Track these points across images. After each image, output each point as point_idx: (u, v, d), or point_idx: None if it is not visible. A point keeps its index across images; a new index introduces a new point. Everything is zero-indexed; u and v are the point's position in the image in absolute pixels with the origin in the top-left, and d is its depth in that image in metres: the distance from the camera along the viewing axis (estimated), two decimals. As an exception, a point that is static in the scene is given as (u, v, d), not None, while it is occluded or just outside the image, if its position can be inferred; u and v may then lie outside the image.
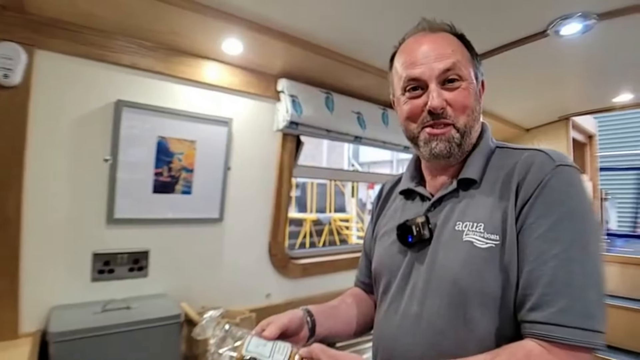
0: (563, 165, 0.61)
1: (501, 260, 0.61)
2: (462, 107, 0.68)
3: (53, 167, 1.19)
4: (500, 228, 0.62)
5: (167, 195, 1.40)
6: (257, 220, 1.71)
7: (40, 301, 1.18)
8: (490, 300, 0.61)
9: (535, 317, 0.56)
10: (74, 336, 1.06)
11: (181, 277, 1.48)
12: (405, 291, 0.73)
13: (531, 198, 0.60)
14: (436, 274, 0.68)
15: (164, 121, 1.36)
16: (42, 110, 1.14)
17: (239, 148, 1.58)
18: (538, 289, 0.56)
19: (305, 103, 1.62)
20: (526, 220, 0.60)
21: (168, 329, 1.22)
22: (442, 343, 0.64)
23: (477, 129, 0.73)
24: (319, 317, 0.78)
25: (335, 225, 7.82)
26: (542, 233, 0.58)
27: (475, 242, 0.64)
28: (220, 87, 1.48)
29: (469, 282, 0.63)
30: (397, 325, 0.72)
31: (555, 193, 0.59)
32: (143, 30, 1.23)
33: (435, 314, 0.66)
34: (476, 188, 0.69)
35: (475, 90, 0.71)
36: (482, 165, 0.70)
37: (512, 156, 0.68)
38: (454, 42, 0.71)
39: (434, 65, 0.67)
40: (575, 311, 0.53)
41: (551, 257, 0.56)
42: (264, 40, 1.33)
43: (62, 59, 1.16)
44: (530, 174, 0.62)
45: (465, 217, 0.67)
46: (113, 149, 1.27)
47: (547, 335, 0.54)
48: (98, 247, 1.29)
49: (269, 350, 0.60)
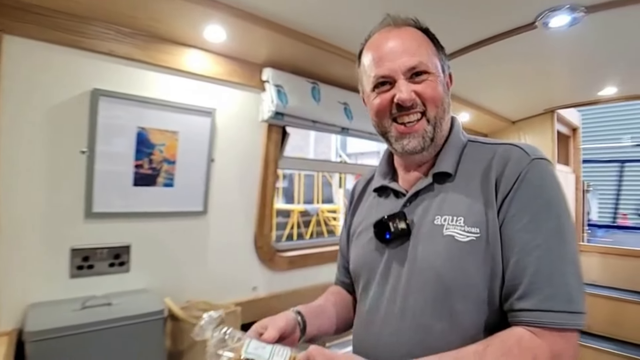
0: (538, 159, 0.64)
1: (485, 253, 0.62)
2: (431, 97, 0.68)
3: (27, 160, 1.14)
4: (481, 221, 0.63)
5: (148, 188, 1.36)
6: (242, 213, 1.68)
7: (16, 299, 1.14)
8: (474, 292, 0.63)
9: (524, 306, 0.58)
10: (52, 335, 1.02)
11: (164, 272, 1.45)
12: (385, 289, 0.72)
13: (511, 191, 0.62)
14: (418, 269, 0.68)
15: (144, 111, 1.31)
16: (13, 100, 1.09)
17: (223, 139, 1.54)
18: (525, 279, 0.58)
19: (291, 93, 1.58)
20: (507, 213, 0.62)
21: (151, 325, 1.19)
22: (427, 339, 0.65)
23: (448, 120, 0.74)
24: (309, 317, 0.78)
25: (323, 217, 7.83)
26: (524, 225, 0.60)
27: (457, 235, 0.64)
28: (202, 76, 1.44)
29: (452, 276, 0.64)
30: (380, 324, 0.71)
31: (533, 186, 0.62)
32: (120, 16, 1.18)
33: (420, 310, 0.66)
34: (451, 181, 0.70)
35: (443, 83, 0.71)
36: (456, 158, 0.71)
37: (486, 150, 0.70)
38: (419, 36, 0.72)
39: (401, 61, 0.68)
40: (560, 297, 0.56)
41: (534, 247, 0.59)
42: (248, 27, 1.29)
43: (34, 45, 1.10)
44: (508, 168, 0.64)
45: (443, 211, 0.68)
46: (90, 140, 1.22)
47: (537, 321, 0.56)
48: (76, 243, 1.25)
49: (268, 352, 0.61)
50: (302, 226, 7.39)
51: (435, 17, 1.30)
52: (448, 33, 1.43)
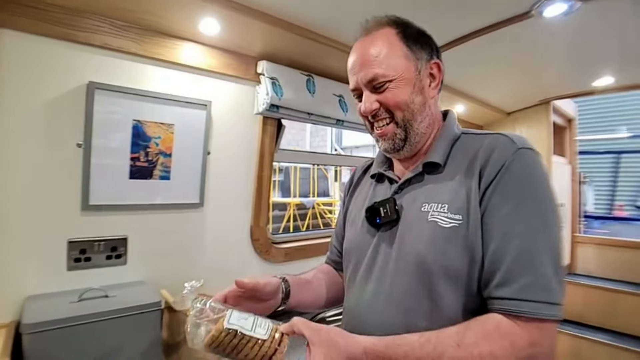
0: (524, 149, 0.64)
1: (465, 239, 0.64)
2: (393, 104, 0.72)
3: (23, 153, 1.14)
4: (464, 208, 0.65)
5: (144, 180, 1.36)
6: (238, 205, 1.69)
7: (14, 291, 1.14)
8: (454, 276, 0.64)
9: (501, 294, 0.59)
10: (49, 327, 1.02)
11: (161, 264, 1.46)
12: (373, 270, 0.76)
13: (494, 180, 0.63)
14: (404, 253, 0.71)
15: (139, 104, 1.31)
16: (9, 94, 1.09)
17: (218, 132, 1.54)
18: (503, 266, 0.59)
19: (286, 86, 1.59)
20: (490, 201, 0.63)
21: (148, 316, 1.19)
22: (411, 320, 0.67)
23: (423, 119, 0.74)
24: (294, 287, 0.82)
25: (319, 209, 7.87)
26: (506, 213, 0.61)
27: (440, 222, 0.67)
28: (197, 68, 1.43)
29: (433, 260, 0.66)
30: (367, 304, 0.74)
31: (517, 175, 0.62)
32: (115, 9, 1.17)
33: (404, 292, 0.69)
34: (440, 172, 0.72)
35: (413, 82, 0.72)
36: (446, 150, 0.74)
37: (475, 141, 0.71)
38: (383, 41, 0.72)
39: (360, 75, 0.73)
40: (538, 286, 0.57)
41: (514, 236, 0.60)
42: (243, 20, 1.29)
43: (28, 39, 1.10)
44: (492, 157, 0.65)
45: (430, 199, 0.70)
46: (86, 133, 1.22)
47: (514, 310, 0.57)
48: (73, 235, 1.25)
49: (250, 323, 0.61)
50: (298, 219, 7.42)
51: (429, 9, 1.31)
52: (442, 24, 1.44)
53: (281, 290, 0.80)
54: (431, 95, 0.75)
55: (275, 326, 0.61)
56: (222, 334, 0.59)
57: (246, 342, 0.58)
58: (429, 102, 0.75)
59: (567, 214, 3.08)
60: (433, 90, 0.76)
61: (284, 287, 0.80)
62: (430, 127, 0.76)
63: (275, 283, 0.78)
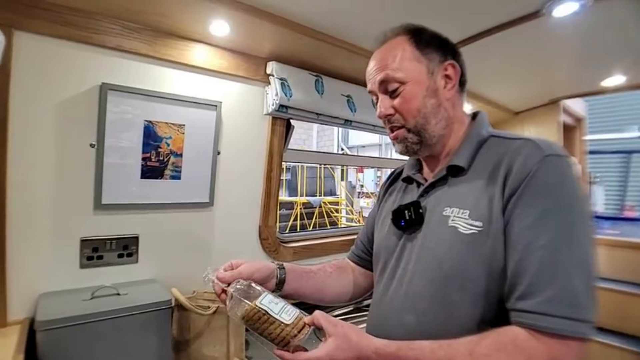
0: (552, 156, 0.62)
1: (484, 247, 0.62)
2: (406, 111, 0.73)
3: (37, 153, 1.16)
4: (485, 215, 0.64)
5: (155, 180, 1.38)
6: (247, 204, 1.70)
7: (28, 288, 1.17)
8: (470, 285, 0.63)
9: (522, 306, 0.57)
10: (62, 324, 1.04)
11: (171, 262, 1.48)
12: (397, 272, 0.77)
13: (519, 189, 0.61)
14: (423, 256, 0.72)
15: (151, 105, 1.33)
16: (24, 95, 1.11)
17: (228, 132, 1.56)
18: (526, 279, 0.57)
19: (295, 86, 1.59)
20: (514, 210, 0.61)
21: (158, 314, 1.21)
22: (424, 324, 0.68)
23: (439, 121, 0.75)
24: (290, 276, 0.85)
25: (326, 208, 7.88)
26: (530, 223, 0.59)
27: (460, 227, 0.66)
28: (208, 70, 1.45)
29: (450, 266, 0.66)
30: (388, 304, 0.76)
31: (543, 184, 0.60)
32: (127, 11, 1.19)
33: (419, 295, 0.70)
34: (464, 175, 0.72)
35: (426, 86, 0.73)
36: (472, 153, 0.73)
37: (502, 145, 0.70)
38: (395, 46, 0.75)
39: (375, 79, 0.76)
40: (561, 300, 0.54)
41: (538, 247, 0.57)
42: (253, 21, 1.30)
43: (43, 41, 1.12)
44: (518, 164, 0.63)
45: (453, 203, 0.70)
46: (99, 133, 1.24)
47: (533, 324, 0.55)
48: (86, 234, 1.27)
49: (279, 308, 0.67)
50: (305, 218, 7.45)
51: (438, 9, 1.31)
52: (451, 24, 1.44)
53: (275, 276, 0.83)
54: (447, 97, 0.75)
55: (300, 315, 0.67)
56: (253, 311, 0.67)
57: (271, 323, 0.66)
58: (445, 103, 0.75)
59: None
60: (449, 91, 0.75)
61: (279, 274, 0.83)
62: (448, 128, 0.76)
63: (266, 270, 0.81)
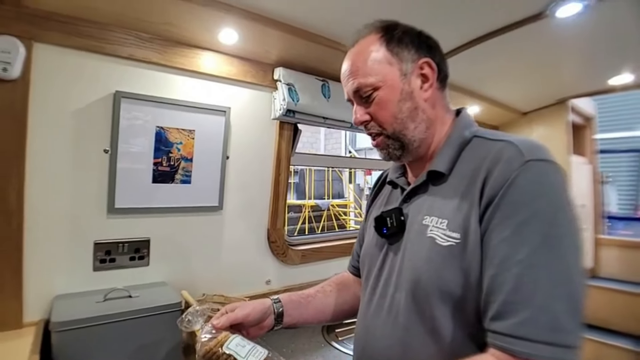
0: (534, 161, 0.55)
1: (461, 260, 0.58)
2: (382, 117, 0.70)
3: (54, 159, 1.20)
4: (463, 226, 0.59)
5: (166, 184, 1.41)
6: (256, 208, 1.73)
7: (43, 291, 1.20)
8: (450, 300, 0.59)
9: (496, 327, 0.52)
10: (76, 325, 1.07)
11: (181, 265, 1.51)
12: (379, 283, 0.74)
13: (496, 197, 0.56)
14: (405, 268, 0.68)
15: (162, 111, 1.36)
16: (42, 103, 1.15)
17: (237, 137, 1.59)
18: (500, 296, 0.52)
19: (302, 91, 1.62)
20: (491, 221, 0.56)
21: (169, 317, 1.23)
22: (407, 339, 0.64)
23: (418, 125, 0.70)
24: (288, 306, 0.83)
25: (334, 211, 7.88)
26: (507, 236, 0.54)
27: (437, 239, 0.62)
28: (217, 76, 1.48)
29: (428, 280, 0.61)
30: (372, 316, 0.73)
31: (522, 192, 0.54)
32: (139, 21, 1.22)
33: (402, 310, 0.66)
34: (445, 181, 0.67)
35: (400, 89, 0.68)
36: (452, 157, 0.67)
37: (484, 147, 0.64)
38: (365, 50, 0.70)
39: (348, 87, 0.73)
40: (539, 323, 0.49)
41: (515, 262, 0.52)
42: (260, 29, 1.33)
43: (60, 52, 1.16)
44: (497, 170, 0.57)
45: (432, 212, 0.66)
46: (113, 139, 1.27)
47: (508, 348, 0.50)
48: (99, 237, 1.31)
49: (246, 351, 0.66)
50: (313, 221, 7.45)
51: (443, 11, 1.32)
52: (456, 26, 1.45)
53: (272, 312, 0.81)
54: (424, 98, 0.69)
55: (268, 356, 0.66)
56: (219, 353, 0.66)
57: None
58: (422, 105, 0.69)
59: (589, 215, 3.01)
60: (426, 92, 0.69)
61: (276, 308, 0.81)
62: (429, 130, 0.71)
63: (262, 308, 0.78)
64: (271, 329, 0.82)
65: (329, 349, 1.60)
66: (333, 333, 1.72)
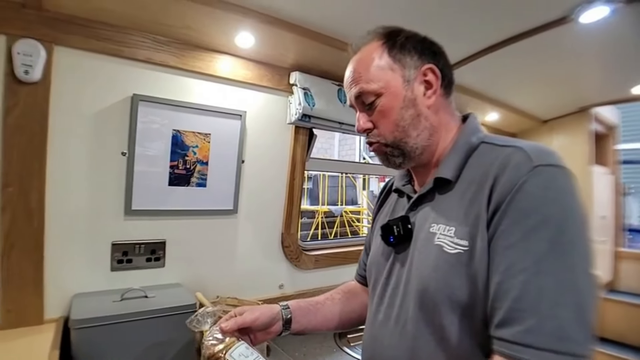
0: (542, 166, 0.54)
1: (469, 268, 0.57)
2: (384, 125, 0.70)
3: (73, 161, 1.23)
4: (471, 233, 0.58)
5: (182, 187, 1.43)
6: (270, 212, 1.73)
7: (63, 289, 1.23)
8: (458, 308, 0.58)
9: (502, 335, 0.52)
10: (94, 323, 1.10)
11: (196, 267, 1.52)
12: (387, 291, 0.74)
13: (503, 204, 0.55)
14: (412, 276, 0.67)
15: (179, 114, 1.38)
16: (62, 105, 1.17)
17: (252, 141, 1.60)
18: (506, 304, 0.51)
19: (318, 96, 1.62)
20: (498, 227, 0.55)
21: (183, 317, 1.23)
22: (416, 349, 0.64)
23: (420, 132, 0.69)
24: (296, 313, 0.83)
25: (347, 217, 7.85)
26: (514, 242, 0.53)
27: (445, 246, 0.61)
28: (233, 80, 1.49)
29: (437, 288, 0.61)
30: (380, 326, 0.73)
31: (530, 198, 0.53)
32: (157, 25, 1.25)
33: (411, 319, 0.65)
34: (451, 188, 0.66)
35: (403, 96, 0.68)
36: (459, 163, 0.66)
37: (492, 154, 0.62)
38: (367, 56, 0.70)
39: (350, 93, 0.73)
40: (545, 331, 0.48)
41: (521, 269, 0.51)
42: (276, 32, 1.33)
43: (80, 55, 1.19)
44: (504, 176, 0.56)
45: (439, 219, 0.65)
46: (130, 142, 1.29)
47: (514, 355, 0.49)
48: (117, 238, 1.33)
49: None
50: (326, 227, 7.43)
51: (464, 16, 1.31)
52: (476, 30, 1.44)
53: (280, 318, 0.81)
54: (428, 104, 0.68)
55: None
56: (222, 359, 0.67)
57: None
58: (425, 112, 0.69)
59: (610, 227, 2.93)
60: (429, 99, 0.69)
61: (284, 314, 0.82)
62: (433, 137, 0.70)
63: (270, 313, 0.79)
64: (279, 334, 0.83)
65: (340, 354, 1.58)
66: (345, 338, 1.70)
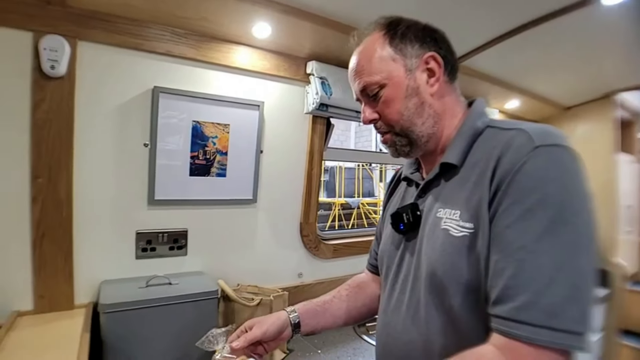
0: (544, 146, 0.54)
1: (474, 250, 0.58)
2: (389, 115, 0.70)
3: (98, 152, 1.26)
4: (476, 216, 0.59)
5: (202, 177, 1.46)
6: (289, 201, 1.75)
7: (91, 276, 1.28)
8: (466, 290, 0.59)
9: (497, 311, 0.53)
10: (122, 308, 1.15)
11: (217, 256, 1.55)
12: (399, 278, 0.75)
13: (504, 184, 0.55)
14: (420, 262, 0.68)
15: (198, 106, 1.40)
16: (86, 99, 1.21)
17: (270, 131, 1.61)
18: (502, 281, 0.53)
19: (335, 85, 1.62)
20: (498, 208, 0.56)
21: (206, 303, 1.29)
22: (429, 333, 0.65)
23: (425, 120, 0.70)
24: (304, 316, 0.86)
25: (364, 209, 7.84)
26: (512, 222, 0.53)
27: (451, 230, 0.62)
28: (250, 71, 1.51)
29: (444, 272, 0.62)
30: (392, 313, 0.74)
31: (530, 178, 0.53)
32: (174, 18, 1.27)
33: (421, 304, 0.67)
34: (457, 173, 0.67)
35: (406, 86, 0.68)
36: (464, 148, 0.67)
37: (496, 137, 0.63)
38: (369, 48, 0.71)
39: (355, 86, 0.73)
40: (539, 308, 0.49)
41: (518, 248, 0.52)
42: (293, 22, 1.34)
43: (102, 49, 1.22)
44: (506, 157, 0.57)
45: (446, 204, 0.66)
46: (152, 134, 1.33)
47: (507, 331, 0.51)
48: (141, 227, 1.37)
49: None
50: (343, 219, 7.45)
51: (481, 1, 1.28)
52: (494, 16, 1.40)
53: (289, 323, 0.84)
54: (431, 92, 0.69)
55: None
56: None
57: None
58: (429, 100, 0.69)
59: (636, 217, 2.84)
60: (432, 86, 0.69)
61: (292, 320, 0.84)
62: (438, 124, 0.71)
63: (278, 322, 0.82)
64: (290, 338, 0.86)
65: (359, 342, 1.60)
66: (364, 327, 1.71)
